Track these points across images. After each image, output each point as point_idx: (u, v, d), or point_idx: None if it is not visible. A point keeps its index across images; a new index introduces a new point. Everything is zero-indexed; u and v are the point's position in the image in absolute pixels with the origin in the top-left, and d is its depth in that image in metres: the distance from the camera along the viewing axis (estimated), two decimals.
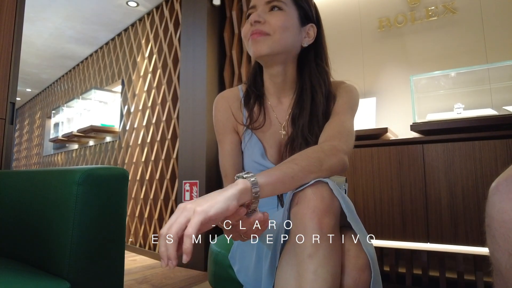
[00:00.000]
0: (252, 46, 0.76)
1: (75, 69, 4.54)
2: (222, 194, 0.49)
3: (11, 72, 1.33)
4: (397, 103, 1.96)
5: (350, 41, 2.17)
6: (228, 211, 0.48)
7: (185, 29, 2.53)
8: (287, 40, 0.76)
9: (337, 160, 0.63)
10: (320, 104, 0.78)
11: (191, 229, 0.45)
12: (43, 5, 2.96)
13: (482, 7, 1.78)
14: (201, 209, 0.46)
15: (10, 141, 1.32)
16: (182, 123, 2.44)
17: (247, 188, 0.51)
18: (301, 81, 0.82)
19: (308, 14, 0.81)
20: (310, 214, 0.52)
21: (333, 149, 0.64)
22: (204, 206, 0.46)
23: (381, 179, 1.59)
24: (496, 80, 1.69)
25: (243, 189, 0.51)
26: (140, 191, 2.96)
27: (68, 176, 0.79)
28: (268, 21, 0.75)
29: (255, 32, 0.74)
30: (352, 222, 0.55)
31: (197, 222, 0.45)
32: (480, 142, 1.40)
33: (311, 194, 0.54)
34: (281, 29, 0.74)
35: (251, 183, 0.52)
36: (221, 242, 0.92)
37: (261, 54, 0.75)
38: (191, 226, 0.45)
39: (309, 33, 0.81)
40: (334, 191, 0.55)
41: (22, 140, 6.48)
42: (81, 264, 0.74)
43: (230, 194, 0.49)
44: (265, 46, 0.74)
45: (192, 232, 0.44)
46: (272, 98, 0.85)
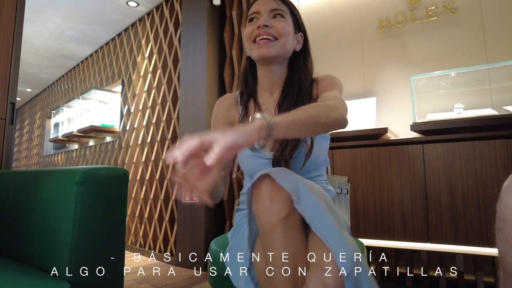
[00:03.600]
0: (260, 48, 0.84)
1: (75, 69, 4.54)
2: (245, 128, 0.53)
3: (11, 72, 1.33)
4: (397, 103, 1.96)
5: (350, 41, 2.17)
6: (249, 143, 0.53)
7: (185, 29, 2.53)
8: (289, 44, 0.87)
9: (340, 114, 0.70)
10: (306, 93, 0.87)
11: (222, 143, 0.48)
12: (43, 5, 2.96)
13: (482, 7, 1.78)
14: (231, 136, 0.50)
15: (10, 141, 1.32)
16: (182, 123, 2.44)
17: (264, 125, 0.56)
18: (290, 78, 0.91)
19: (299, 23, 0.92)
20: (261, 214, 0.60)
21: (335, 106, 0.72)
22: (233, 134, 0.50)
23: (381, 179, 1.58)
24: (496, 80, 1.69)
25: (261, 125, 0.55)
26: (140, 191, 2.96)
27: (68, 176, 0.79)
28: (274, 26, 0.84)
29: (264, 34, 0.83)
30: (315, 224, 0.59)
31: (225, 144, 0.48)
32: (480, 142, 1.39)
33: (263, 192, 0.60)
34: (286, 34, 0.85)
35: (267, 122, 0.56)
36: (221, 242, 0.92)
37: (268, 56, 0.84)
38: (220, 142, 0.48)
39: (299, 40, 0.92)
40: (285, 186, 0.59)
41: (22, 140, 6.48)
42: (81, 264, 0.74)
43: (251, 128, 0.54)
44: (273, 49, 0.83)
45: (222, 146, 0.47)
46: (264, 93, 0.94)
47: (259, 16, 0.86)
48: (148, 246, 2.79)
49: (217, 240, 0.95)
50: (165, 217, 2.64)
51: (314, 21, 2.30)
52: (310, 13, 2.33)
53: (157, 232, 2.72)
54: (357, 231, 1.61)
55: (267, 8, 0.85)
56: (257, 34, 0.84)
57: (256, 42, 0.85)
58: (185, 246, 2.29)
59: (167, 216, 2.62)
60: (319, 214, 0.59)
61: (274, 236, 0.58)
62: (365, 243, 1.50)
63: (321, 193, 0.68)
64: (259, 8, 0.86)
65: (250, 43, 0.87)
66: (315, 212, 0.59)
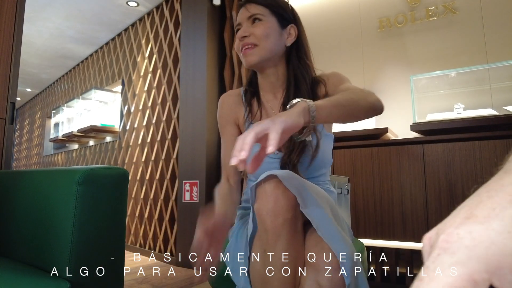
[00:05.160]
0: (244, 58, 0.86)
1: (75, 69, 4.54)
2: (291, 112, 0.54)
3: (11, 72, 1.33)
4: (397, 103, 1.96)
5: (350, 41, 2.17)
6: (298, 125, 0.53)
7: (185, 29, 2.53)
8: (271, 45, 0.86)
9: (377, 99, 0.71)
10: (305, 92, 0.86)
11: (277, 128, 0.49)
12: (43, 5, 2.96)
13: (482, 7, 1.78)
14: (281, 120, 0.50)
15: (10, 141, 1.32)
16: (182, 123, 2.44)
17: (306, 108, 0.56)
18: (289, 75, 0.91)
19: (286, 17, 0.90)
20: (265, 215, 0.59)
21: (370, 92, 0.72)
22: (283, 118, 0.51)
23: (381, 179, 1.58)
24: (496, 80, 1.69)
25: (305, 108, 0.56)
26: (140, 191, 2.96)
27: (68, 176, 0.79)
28: (253, 33, 0.85)
29: (244, 45, 0.85)
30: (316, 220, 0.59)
31: (279, 127, 0.49)
32: (480, 142, 1.39)
33: (268, 192, 0.60)
34: (264, 37, 0.85)
35: (308, 105, 0.56)
36: None
37: (252, 64, 0.86)
38: (275, 129, 0.49)
39: (290, 33, 0.90)
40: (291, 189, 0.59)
41: (22, 140, 6.48)
42: (81, 264, 0.74)
43: (298, 111, 0.54)
44: (254, 56, 0.85)
45: (278, 130, 0.48)
46: (268, 95, 0.94)
47: (240, 27, 0.88)
48: (148, 246, 2.79)
49: None
50: (165, 217, 2.64)
51: (314, 21, 2.30)
52: (310, 13, 2.33)
53: (157, 232, 2.72)
54: (357, 231, 1.61)
55: (245, 16, 0.87)
56: (241, 45, 0.86)
57: (242, 52, 0.87)
58: (185, 246, 2.29)
59: (167, 216, 2.62)
60: (324, 219, 0.60)
61: (277, 237, 0.59)
62: (365, 243, 1.50)
63: (325, 197, 0.69)
64: (239, 19, 0.89)
65: (240, 55, 0.89)
66: (321, 217, 0.60)
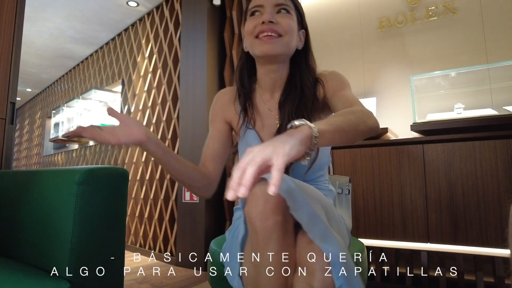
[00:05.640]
0: (263, 45, 0.79)
1: (75, 69, 4.54)
2: (294, 138, 0.50)
3: (11, 72, 1.33)
4: (397, 103, 1.96)
5: (350, 41, 2.17)
6: (300, 154, 0.50)
7: (185, 29, 2.53)
8: (293, 43, 0.82)
9: (375, 121, 0.68)
10: (309, 94, 0.83)
11: (280, 164, 0.45)
12: (43, 5, 2.96)
13: (482, 7, 1.78)
14: (284, 152, 0.47)
15: (10, 141, 1.32)
16: (182, 123, 2.44)
17: (309, 136, 0.52)
18: (292, 77, 0.87)
19: (302, 19, 0.87)
20: (254, 217, 0.57)
21: (369, 113, 0.69)
22: (286, 149, 0.47)
23: (381, 179, 1.58)
24: (496, 80, 1.69)
25: (308, 136, 0.52)
26: (140, 191, 2.96)
27: (68, 176, 0.79)
28: (279, 23, 0.79)
29: (268, 30, 0.78)
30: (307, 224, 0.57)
31: (282, 162, 0.45)
32: (480, 142, 1.39)
33: (258, 195, 0.57)
34: (290, 31, 0.80)
35: (312, 132, 0.53)
36: (220, 242, 0.92)
37: (271, 53, 0.79)
38: (278, 165, 0.45)
39: (301, 38, 0.86)
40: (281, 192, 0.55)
41: (22, 140, 6.48)
42: (81, 264, 0.74)
43: (301, 139, 0.51)
44: (278, 46, 0.78)
45: (281, 168, 0.45)
46: (265, 93, 0.90)
47: (262, 10, 0.80)
48: (148, 246, 2.79)
49: (217, 240, 0.95)
50: (165, 217, 2.64)
51: (314, 21, 2.30)
52: (310, 13, 2.33)
53: (157, 232, 2.72)
54: (357, 231, 1.61)
55: (272, 2, 0.80)
56: (260, 30, 0.78)
57: (259, 38, 0.79)
58: (185, 246, 2.29)
59: (167, 216, 2.62)
60: (315, 221, 0.58)
61: (267, 239, 0.57)
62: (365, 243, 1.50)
63: (318, 197, 0.67)
64: (263, 1, 0.80)
65: (252, 39, 0.81)
66: (312, 219, 0.58)
